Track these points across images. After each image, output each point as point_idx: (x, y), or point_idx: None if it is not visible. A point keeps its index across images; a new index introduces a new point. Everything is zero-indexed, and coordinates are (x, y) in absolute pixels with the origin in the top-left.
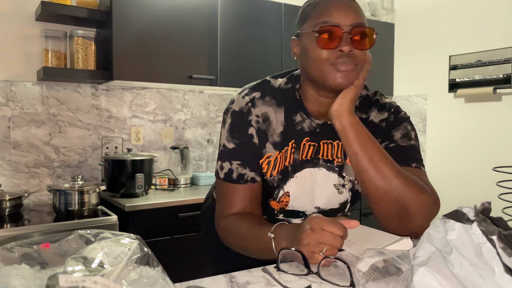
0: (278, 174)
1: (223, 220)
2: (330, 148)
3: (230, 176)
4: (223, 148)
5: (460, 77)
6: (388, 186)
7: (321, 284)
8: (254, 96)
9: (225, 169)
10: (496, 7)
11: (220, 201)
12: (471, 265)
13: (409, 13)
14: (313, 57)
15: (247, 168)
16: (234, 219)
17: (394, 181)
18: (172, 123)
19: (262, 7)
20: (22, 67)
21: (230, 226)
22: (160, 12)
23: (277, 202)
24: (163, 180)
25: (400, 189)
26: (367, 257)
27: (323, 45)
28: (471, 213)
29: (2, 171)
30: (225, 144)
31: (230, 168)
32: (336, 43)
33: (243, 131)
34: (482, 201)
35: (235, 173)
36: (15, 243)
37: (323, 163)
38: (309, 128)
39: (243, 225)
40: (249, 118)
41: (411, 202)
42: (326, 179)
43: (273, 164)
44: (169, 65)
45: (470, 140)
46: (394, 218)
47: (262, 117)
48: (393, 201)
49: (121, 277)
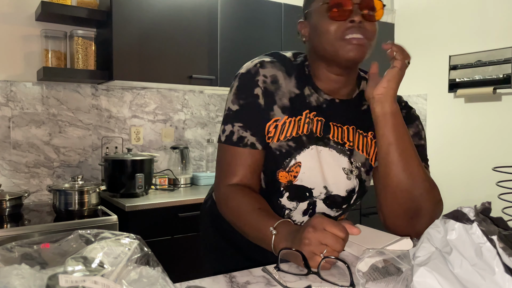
0: (289, 141)
1: (223, 188)
2: (340, 131)
3: (231, 139)
4: (227, 111)
5: (460, 77)
6: (412, 184)
7: (321, 284)
8: (264, 60)
9: (226, 131)
10: (496, 7)
11: (220, 166)
12: (471, 265)
13: (409, 13)
14: (324, 31)
15: (248, 131)
16: (234, 191)
17: (419, 179)
18: (172, 123)
19: (262, 7)
20: (22, 67)
21: (231, 199)
22: (160, 12)
23: (286, 172)
24: (163, 180)
25: (421, 190)
26: (367, 257)
27: (334, 16)
28: (471, 213)
29: (2, 171)
30: (230, 107)
31: (231, 130)
32: (347, 14)
33: (248, 91)
34: (482, 201)
35: (236, 135)
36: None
37: (334, 145)
38: (316, 103)
39: (244, 204)
40: (256, 78)
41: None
42: (337, 161)
43: (281, 129)
44: (169, 65)
45: (470, 140)
46: (406, 216)
47: (271, 78)
48: (411, 199)
49: (121, 277)
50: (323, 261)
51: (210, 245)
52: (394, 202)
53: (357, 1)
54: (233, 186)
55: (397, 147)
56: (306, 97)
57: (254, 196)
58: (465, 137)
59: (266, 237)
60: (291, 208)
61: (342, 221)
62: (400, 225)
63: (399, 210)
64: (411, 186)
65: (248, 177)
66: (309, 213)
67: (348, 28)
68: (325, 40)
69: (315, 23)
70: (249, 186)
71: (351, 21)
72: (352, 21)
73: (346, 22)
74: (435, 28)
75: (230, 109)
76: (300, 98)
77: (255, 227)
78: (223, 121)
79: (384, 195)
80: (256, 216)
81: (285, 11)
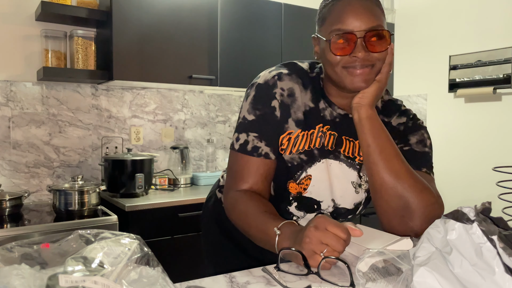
0: (301, 154)
1: (232, 193)
2: (352, 145)
3: (245, 147)
4: (242, 120)
5: (460, 77)
6: (395, 181)
7: (321, 284)
8: (282, 72)
9: (240, 140)
10: (496, 7)
11: (232, 173)
12: (471, 265)
13: (409, 13)
14: (329, 62)
15: (263, 142)
16: (243, 196)
17: (401, 176)
18: (172, 123)
19: (262, 7)
20: (22, 67)
21: (238, 203)
22: (160, 12)
23: (297, 184)
24: (163, 180)
25: (405, 185)
26: (367, 257)
27: (338, 52)
28: (471, 213)
29: (2, 171)
30: (245, 116)
31: (246, 139)
32: (351, 49)
33: (266, 102)
34: (482, 201)
35: (250, 145)
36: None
37: (344, 158)
38: (330, 117)
39: (251, 207)
40: (274, 91)
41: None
42: (346, 175)
43: (294, 142)
44: (169, 65)
45: (470, 140)
46: (397, 215)
47: (288, 91)
48: (397, 196)
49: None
50: (323, 261)
51: (211, 243)
52: (382, 202)
53: (361, 36)
54: (242, 191)
55: (376, 147)
56: (321, 111)
57: (261, 200)
58: (465, 137)
59: (270, 238)
60: (299, 216)
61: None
62: (394, 225)
63: (389, 209)
64: (394, 183)
65: (259, 185)
66: None
67: (351, 62)
68: (330, 68)
69: (322, 49)
70: (259, 193)
71: (354, 56)
72: (354, 57)
73: (351, 56)
74: (435, 28)
75: (245, 118)
76: (315, 112)
77: (261, 229)
78: (237, 129)
79: (373, 196)
80: (262, 218)
81: (285, 11)
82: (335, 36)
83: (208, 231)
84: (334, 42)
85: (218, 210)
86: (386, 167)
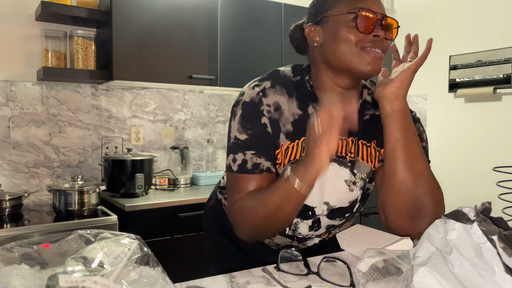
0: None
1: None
2: (344, 144)
3: (244, 167)
4: (234, 140)
5: (460, 77)
6: (417, 182)
7: (321, 284)
8: (265, 86)
9: (238, 160)
10: (496, 7)
11: (233, 193)
12: (471, 265)
13: (409, 13)
14: (346, 40)
15: (262, 157)
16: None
17: (423, 178)
18: (172, 123)
19: (262, 7)
20: (22, 67)
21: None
22: (160, 12)
23: None
24: (163, 180)
25: (425, 189)
26: (367, 257)
27: (361, 27)
28: (472, 213)
29: (2, 171)
30: (237, 136)
31: (243, 158)
32: (372, 28)
33: (255, 121)
34: (482, 201)
35: (250, 163)
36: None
37: (335, 158)
38: None
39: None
40: (261, 108)
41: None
42: (337, 174)
43: (285, 154)
44: (169, 65)
45: (470, 140)
46: (408, 216)
47: (274, 106)
48: (415, 198)
49: (121, 277)
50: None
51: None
52: (397, 200)
53: (380, 18)
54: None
55: (404, 144)
56: (310, 116)
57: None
58: (465, 137)
59: (286, 187)
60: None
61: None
62: (402, 225)
63: (402, 209)
64: (415, 184)
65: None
66: (314, 228)
67: (370, 41)
68: (344, 49)
69: (334, 31)
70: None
71: (375, 35)
72: (376, 35)
73: (370, 35)
74: (435, 28)
75: (237, 138)
76: (303, 119)
77: (273, 193)
78: (232, 150)
79: (387, 193)
80: (270, 188)
81: (285, 11)
82: (360, 12)
83: (210, 231)
84: (357, 18)
85: (217, 211)
86: (410, 167)
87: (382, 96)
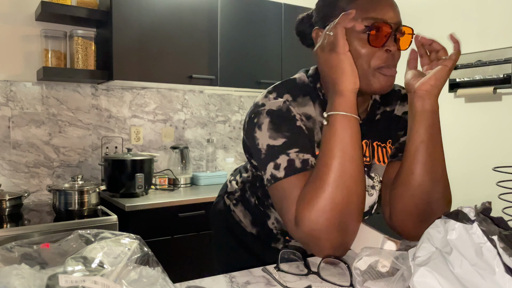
0: None
1: (305, 215)
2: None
3: (293, 167)
4: (268, 149)
5: (460, 77)
6: (434, 187)
7: (321, 284)
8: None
9: (282, 164)
10: (496, 7)
11: (286, 207)
12: (471, 265)
13: (409, 13)
14: (357, 55)
15: (308, 153)
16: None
17: (440, 184)
18: (172, 123)
19: (262, 7)
20: (22, 67)
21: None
22: (160, 12)
23: None
24: (163, 180)
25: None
26: (364, 255)
27: (373, 42)
28: (472, 213)
29: (2, 171)
30: (270, 144)
31: (288, 159)
32: (383, 41)
33: (290, 124)
34: (482, 201)
35: (298, 161)
36: (15, 243)
37: None
38: None
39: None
40: (293, 114)
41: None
42: None
43: None
44: (169, 65)
45: (470, 140)
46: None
47: (304, 116)
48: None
49: (121, 277)
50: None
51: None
52: (410, 202)
53: (393, 28)
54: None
55: (428, 146)
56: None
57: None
58: (465, 137)
59: (338, 125)
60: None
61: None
62: (408, 227)
63: (414, 211)
64: (432, 189)
65: None
66: None
67: (384, 60)
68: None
69: None
70: None
71: (387, 50)
72: (388, 50)
73: (381, 49)
74: (435, 28)
75: (271, 146)
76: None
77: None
78: (267, 159)
79: (401, 192)
80: (320, 160)
81: (285, 11)
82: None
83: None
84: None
85: (226, 216)
86: (430, 171)
87: (414, 91)
